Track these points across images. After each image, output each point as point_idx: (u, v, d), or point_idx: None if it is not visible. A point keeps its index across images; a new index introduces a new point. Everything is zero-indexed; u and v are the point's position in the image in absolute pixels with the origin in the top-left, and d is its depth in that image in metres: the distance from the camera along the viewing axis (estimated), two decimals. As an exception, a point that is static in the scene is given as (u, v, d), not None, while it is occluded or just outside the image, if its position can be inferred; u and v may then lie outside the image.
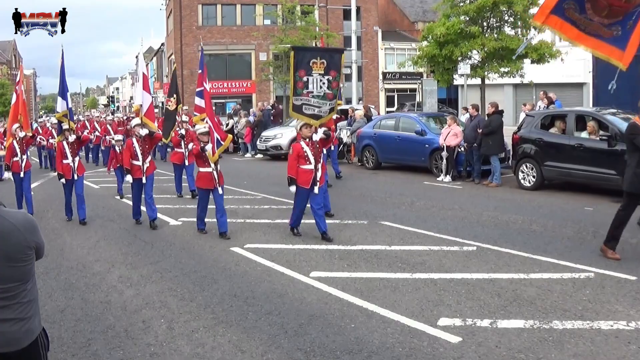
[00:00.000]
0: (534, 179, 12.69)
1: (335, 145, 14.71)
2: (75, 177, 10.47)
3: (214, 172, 8.90)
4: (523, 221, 9.52)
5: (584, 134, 11.97)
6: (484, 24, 18.68)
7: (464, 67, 19.48)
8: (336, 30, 35.41)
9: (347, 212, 10.55)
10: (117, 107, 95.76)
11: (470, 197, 12.11)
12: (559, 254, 7.42)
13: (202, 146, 8.88)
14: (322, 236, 8.50)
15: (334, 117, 11.70)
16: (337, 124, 16.70)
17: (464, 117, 16.46)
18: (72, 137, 10.54)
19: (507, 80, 20.96)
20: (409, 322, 5.28)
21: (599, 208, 10.50)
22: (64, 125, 10.58)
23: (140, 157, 9.99)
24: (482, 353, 4.61)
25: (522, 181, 12.95)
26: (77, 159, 10.58)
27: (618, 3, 6.87)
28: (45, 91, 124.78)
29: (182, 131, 12.74)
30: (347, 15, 36.38)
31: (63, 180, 10.51)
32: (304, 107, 8.97)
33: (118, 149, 12.80)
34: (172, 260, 7.76)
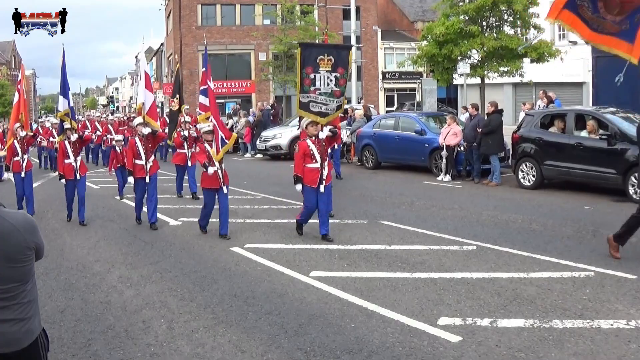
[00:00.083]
0: (533, 178, 12.70)
1: (339, 145, 14.55)
2: (78, 176, 10.35)
3: (219, 171, 8.79)
4: (523, 220, 9.52)
5: (584, 133, 11.98)
6: (484, 23, 18.67)
7: (463, 67, 19.48)
8: (335, 30, 35.39)
9: (347, 211, 10.55)
10: (117, 107, 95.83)
11: (470, 197, 12.11)
12: (558, 253, 7.42)
13: (205, 164, 8.72)
14: (322, 237, 8.50)
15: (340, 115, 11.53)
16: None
17: (463, 117, 16.47)
18: (74, 137, 10.41)
19: (507, 79, 20.97)
20: (409, 321, 5.28)
21: (598, 207, 10.51)
22: (66, 125, 10.44)
23: (143, 156, 9.86)
24: (482, 352, 4.61)
25: (522, 180, 12.96)
26: (79, 158, 10.45)
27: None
28: (44, 91, 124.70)
29: (185, 132, 12.61)
30: (346, 14, 36.41)
31: (63, 180, 10.40)
32: (311, 104, 8.81)
33: (118, 149, 12.80)
34: (172, 260, 7.76)
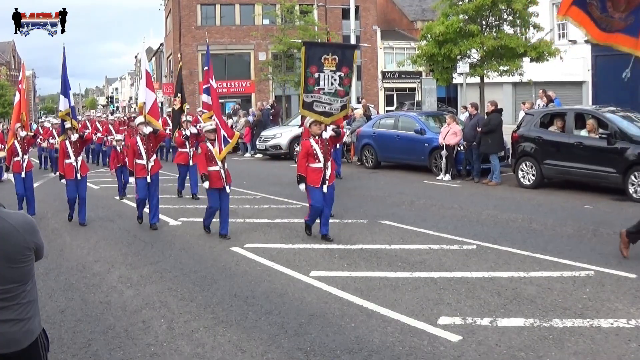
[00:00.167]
0: (533, 178, 12.70)
1: (340, 145, 14.44)
2: (79, 177, 10.28)
3: (222, 171, 8.74)
4: (523, 220, 9.52)
5: (583, 132, 11.98)
6: (483, 22, 18.63)
7: (463, 66, 19.46)
8: (335, 30, 35.38)
9: (347, 211, 10.55)
10: (117, 107, 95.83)
11: (469, 196, 12.11)
12: (558, 252, 7.42)
13: (202, 177, 8.74)
14: (322, 237, 8.50)
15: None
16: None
17: (463, 116, 16.47)
18: (74, 136, 10.32)
19: (506, 78, 20.94)
20: (409, 321, 5.28)
21: (598, 206, 10.51)
22: (67, 124, 10.36)
23: (144, 155, 9.79)
24: (482, 352, 4.61)
25: (522, 179, 12.96)
26: (80, 158, 10.37)
27: None
28: (44, 92, 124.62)
29: (186, 132, 12.53)
30: (346, 14, 36.39)
31: (64, 180, 10.33)
32: (315, 104, 8.74)
33: (119, 149, 12.79)
34: (172, 260, 7.76)
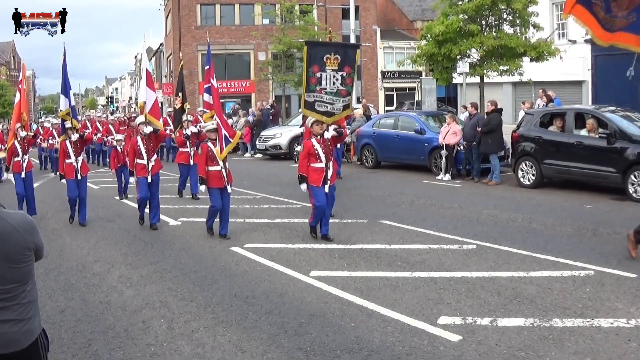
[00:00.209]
0: (533, 177, 12.70)
1: (341, 145, 14.37)
2: (79, 177, 10.23)
3: (223, 171, 8.72)
4: (523, 219, 9.52)
5: (583, 132, 11.98)
6: (483, 22, 18.62)
7: (462, 66, 19.45)
8: (335, 30, 35.36)
9: (347, 211, 10.54)
10: (116, 107, 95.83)
11: (469, 196, 12.11)
12: (558, 252, 7.42)
13: (200, 178, 8.77)
14: (322, 236, 8.50)
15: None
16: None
17: (463, 116, 16.47)
18: (75, 136, 10.26)
19: (506, 78, 20.93)
20: (409, 320, 5.28)
21: (598, 206, 10.52)
22: (67, 124, 10.30)
23: (144, 155, 9.74)
24: (482, 351, 4.61)
25: (522, 179, 12.96)
26: (80, 158, 10.32)
27: None
28: (44, 92, 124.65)
29: (187, 131, 12.49)
30: (345, 14, 36.36)
31: (64, 180, 10.28)
32: (317, 104, 8.71)
33: (119, 149, 12.78)
34: (172, 260, 7.76)
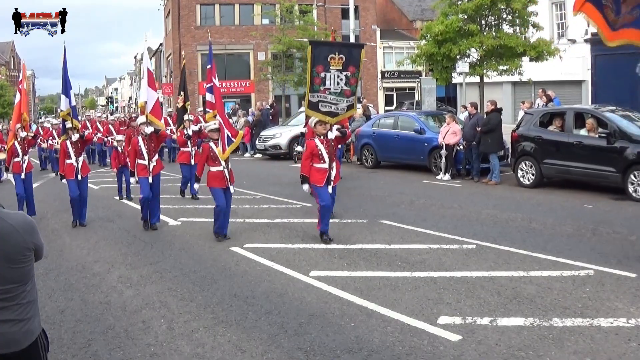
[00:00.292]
0: (533, 177, 12.70)
1: (342, 145, 14.39)
2: (79, 177, 10.17)
3: (225, 171, 8.67)
4: (522, 219, 9.52)
5: (583, 132, 11.98)
6: (482, 22, 18.62)
7: (462, 65, 19.45)
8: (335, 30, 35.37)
9: (347, 211, 10.54)
10: (116, 107, 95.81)
11: (469, 196, 12.11)
12: (558, 251, 7.42)
13: (196, 176, 8.88)
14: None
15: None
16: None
17: (462, 115, 16.46)
18: (75, 136, 10.20)
19: (506, 78, 20.92)
20: (409, 320, 5.28)
21: (598, 205, 10.52)
22: (68, 124, 10.23)
23: (145, 156, 9.69)
24: (482, 351, 4.61)
25: (521, 179, 12.96)
26: (81, 158, 10.26)
27: None
28: (44, 92, 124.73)
29: (188, 131, 12.42)
30: (345, 14, 36.35)
31: (64, 180, 10.23)
32: (320, 104, 8.67)
33: (120, 149, 12.77)
34: (172, 260, 7.76)
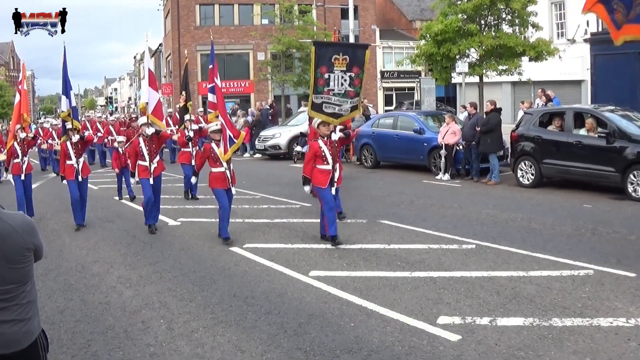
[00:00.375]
0: (532, 177, 12.71)
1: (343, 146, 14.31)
2: (80, 178, 10.10)
3: (227, 172, 8.63)
4: (522, 219, 9.52)
5: (582, 131, 11.98)
6: (482, 22, 18.63)
7: (462, 65, 19.45)
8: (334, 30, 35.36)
9: (346, 211, 10.52)
10: (116, 107, 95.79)
11: (469, 195, 12.12)
12: (558, 251, 7.42)
13: (195, 172, 9.02)
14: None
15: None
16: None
17: (462, 115, 16.48)
18: (75, 137, 10.11)
19: (505, 78, 20.92)
20: (409, 320, 5.28)
21: (597, 205, 10.52)
22: (68, 125, 10.14)
23: (147, 157, 9.63)
24: (482, 351, 4.61)
25: (521, 179, 12.96)
26: (81, 159, 10.19)
27: None
28: (43, 92, 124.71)
29: (190, 133, 12.27)
30: (344, 14, 36.31)
31: (65, 181, 10.16)
32: (324, 105, 8.62)
33: (121, 150, 12.75)
34: (171, 260, 7.76)
